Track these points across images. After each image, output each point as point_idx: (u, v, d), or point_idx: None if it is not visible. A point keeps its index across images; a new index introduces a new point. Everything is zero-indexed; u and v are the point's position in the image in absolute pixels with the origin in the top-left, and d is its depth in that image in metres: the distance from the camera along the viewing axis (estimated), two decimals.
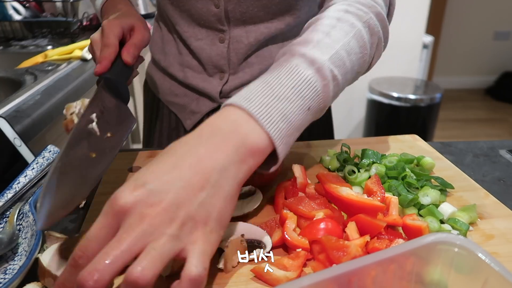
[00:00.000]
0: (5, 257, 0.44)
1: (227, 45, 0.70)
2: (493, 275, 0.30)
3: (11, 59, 1.25)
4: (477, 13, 3.81)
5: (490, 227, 0.49)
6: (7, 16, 1.34)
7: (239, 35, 0.69)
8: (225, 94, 0.74)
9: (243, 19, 0.67)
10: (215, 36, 0.70)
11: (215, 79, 0.73)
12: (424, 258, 0.32)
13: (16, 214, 0.48)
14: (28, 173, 0.55)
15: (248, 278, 0.41)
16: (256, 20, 0.68)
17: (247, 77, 0.72)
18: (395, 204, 0.48)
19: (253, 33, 0.69)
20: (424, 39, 2.41)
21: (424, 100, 2.24)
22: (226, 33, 0.69)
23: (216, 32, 0.69)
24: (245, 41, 0.69)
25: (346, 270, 0.30)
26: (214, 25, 0.68)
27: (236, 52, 0.70)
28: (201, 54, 0.71)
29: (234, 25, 0.68)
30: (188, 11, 0.68)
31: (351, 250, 0.39)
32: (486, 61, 4.03)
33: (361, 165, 0.59)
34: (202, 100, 0.76)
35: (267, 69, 0.50)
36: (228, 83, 0.73)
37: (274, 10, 0.67)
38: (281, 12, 0.68)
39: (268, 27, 0.68)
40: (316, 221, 0.45)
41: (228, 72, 0.72)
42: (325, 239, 0.41)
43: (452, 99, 3.80)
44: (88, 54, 1.16)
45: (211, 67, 0.72)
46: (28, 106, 0.82)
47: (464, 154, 0.68)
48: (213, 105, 0.76)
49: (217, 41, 0.70)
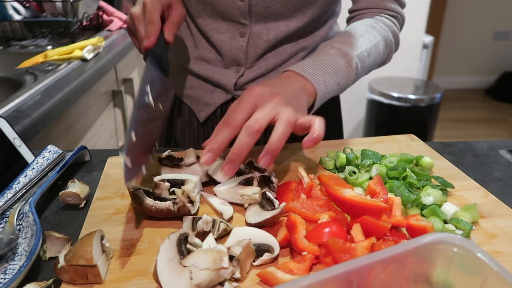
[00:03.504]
0: (5, 257, 0.44)
1: (247, 40, 0.72)
2: (492, 274, 0.30)
3: (11, 59, 1.25)
4: (477, 13, 3.81)
5: (492, 226, 0.49)
6: (7, 16, 1.33)
7: (260, 31, 0.72)
8: (240, 86, 0.76)
9: (266, 14, 0.70)
10: (236, 30, 0.72)
11: (231, 72, 0.75)
12: (424, 258, 0.32)
13: (16, 214, 0.48)
14: (28, 173, 0.55)
15: (254, 283, 0.41)
16: (277, 16, 0.70)
17: (261, 70, 0.75)
18: (398, 205, 0.48)
19: (273, 30, 0.72)
20: (424, 39, 2.41)
21: (424, 100, 2.24)
22: (247, 28, 0.71)
23: (238, 26, 0.72)
24: (265, 37, 0.72)
25: (345, 270, 0.30)
26: (237, 18, 0.71)
27: (255, 47, 0.73)
28: (221, 47, 0.73)
29: (255, 21, 0.71)
30: (212, 4, 0.70)
31: (358, 253, 0.39)
32: (486, 61, 4.03)
33: (361, 165, 0.59)
34: (216, 92, 0.78)
35: (281, 64, 0.75)
36: (243, 76, 0.75)
37: (295, 5, 0.69)
38: (301, 8, 0.70)
39: (287, 25, 0.71)
40: (321, 224, 0.45)
41: (244, 65, 0.74)
42: (332, 242, 0.40)
43: (452, 99, 3.80)
44: (88, 54, 1.16)
45: (229, 59, 0.74)
46: (28, 106, 0.82)
47: (464, 154, 0.68)
48: (227, 96, 0.77)
49: (237, 35, 0.72)
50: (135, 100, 0.53)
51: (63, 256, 0.41)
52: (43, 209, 0.53)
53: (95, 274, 0.40)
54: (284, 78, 0.60)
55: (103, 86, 1.27)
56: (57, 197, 0.54)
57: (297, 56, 0.76)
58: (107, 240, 0.44)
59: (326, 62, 0.62)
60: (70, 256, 0.40)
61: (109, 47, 1.31)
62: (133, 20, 0.62)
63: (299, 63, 0.62)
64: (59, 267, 0.40)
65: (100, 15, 1.56)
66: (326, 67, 0.62)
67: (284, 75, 0.61)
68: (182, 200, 0.49)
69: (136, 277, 0.41)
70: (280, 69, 0.76)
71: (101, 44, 1.24)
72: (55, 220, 0.51)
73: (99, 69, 1.14)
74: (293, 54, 0.75)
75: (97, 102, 1.22)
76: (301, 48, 0.75)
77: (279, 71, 0.76)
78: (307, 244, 0.43)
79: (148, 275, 0.41)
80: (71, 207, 0.53)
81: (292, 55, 0.75)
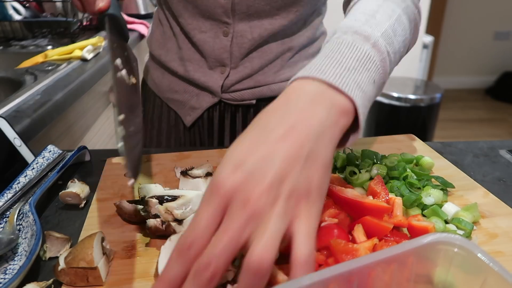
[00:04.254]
0: (5, 257, 0.44)
1: (230, 39, 0.70)
2: (492, 275, 0.30)
3: (11, 59, 1.25)
4: (477, 13, 3.81)
5: (493, 225, 0.49)
6: (7, 16, 1.33)
7: (243, 30, 0.70)
8: (227, 88, 0.75)
9: (249, 13, 0.68)
10: (219, 29, 0.70)
11: (216, 73, 0.74)
12: (424, 258, 0.32)
13: (16, 214, 0.48)
14: (28, 173, 0.55)
15: None
16: (261, 14, 0.68)
17: (247, 71, 0.73)
18: (399, 205, 0.48)
19: (257, 29, 0.69)
20: (424, 39, 2.41)
21: (424, 100, 2.24)
22: (230, 27, 0.69)
23: (221, 25, 0.70)
24: (249, 36, 0.70)
25: (345, 270, 0.30)
26: (220, 17, 0.69)
27: (239, 46, 0.71)
28: (204, 47, 0.72)
29: (239, 19, 0.69)
30: (194, 2, 0.69)
31: (360, 253, 0.39)
32: (486, 61, 4.03)
33: (361, 165, 0.58)
34: (203, 95, 0.76)
35: (267, 64, 0.67)
36: (229, 77, 0.73)
37: (279, 4, 0.67)
38: (286, 6, 0.68)
39: (272, 23, 0.69)
40: (324, 227, 0.45)
41: (229, 66, 0.73)
42: (334, 243, 0.40)
43: (452, 99, 3.80)
44: (88, 54, 1.16)
45: (213, 60, 0.72)
46: (28, 106, 0.82)
47: (464, 154, 0.68)
48: (214, 100, 0.76)
49: (221, 34, 0.70)
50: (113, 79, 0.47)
51: (63, 259, 0.40)
52: (43, 209, 0.53)
53: (95, 276, 0.40)
54: (292, 104, 0.35)
55: (103, 86, 1.27)
56: (57, 197, 0.54)
57: (284, 56, 0.74)
58: (107, 242, 0.44)
59: (346, 55, 0.39)
60: (71, 259, 0.40)
61: None
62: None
63: (310, 65, 0.39)
64: (59, 269, 0.40)
65: None
66: (348, 61, 0.39)
67: (292, 94, 0.36)
68: (166, 218, 0.44)
69: (136, 279, 0.41)
70: (266, 69, 0.74)
71: (101, 44, 1.24)
72: (55, 220, 0.51)
73: (99, 69, 1.14)
74: (279, 54, 0.74)
75: (97, 102, 1.22)
76: (288, 48, 0.74)
77: (265, 72, 0.74)
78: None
79: (149, 277, 0.41)
80: (71, 207, 0.53)
81: (278, 55, 0.74)
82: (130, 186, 0.39)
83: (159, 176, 0.59)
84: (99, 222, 0.50)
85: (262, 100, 0.77)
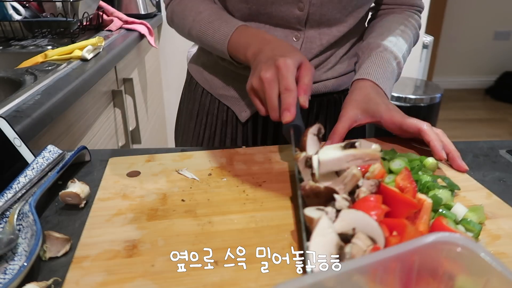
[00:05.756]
0: (5, 257, 0.44)
1: (300, 43, 0.73)
2: (495, 275, 0.30)
3: (11, 59, 1.25)
4: (477, 13, 3.81)
5: (496, 227, 0.49)
6: (7, 16, 1.33)
7: (313, 36, 0.72)
8: None
9: (321, 21, 0.71)
10: (290, 33, 0.72)
11: None
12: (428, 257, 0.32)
13: (16, 214, 0.48)
14: (28, 173, 0.54)
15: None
16: (331, 22, 0.71)
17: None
18: (427, 209, 0.45)
19: (326, 36, 0.73)
20: (424, 39, 2.41)
21: (424, 100, 2.24)
22: (301, 33, 0.72)
23: (292, 31, 0.72)
24: (318, 42, 0.73)
25: (347, 269, 0.30)
26: (292, 25, 0.71)
27: (307, 51, 0.73)
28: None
29: (309, 26, 0.71)
30: (269, 14, 0.70)
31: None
32: (486, 61, 4.03)
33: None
34: None
35: (324, 61, 0.76)
36: None
37: (349, 11, 0.71)
38: (353, 12, 0.72)
39: (339, 30, 0.73)
40: None
41: None
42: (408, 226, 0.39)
43: (452, 99, 3.80)
44: (88, 54, 1.15)
45: None
46: (28, 106, 0.81)
47: (464, 154, 0.68)
48: None
49: (292, 38, 0.72)
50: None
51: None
52: (43, 209, 0.53)
53: None
54: (363, 89, 0.66)
55: (103, 86, 1.26)
56: (57, 197, 0.54)
57: (337, 53, 0.78)
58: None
59: (387, 68, 0.68)
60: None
61: (109, 47, 1.31)
62: (264, 84, 0.56)
63: (366, 69, 0.68)
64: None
65: (100, 15, 1.56)
66: (386, 73, 0.68)
67: (362, 89, 0.67)
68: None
69: (138, 278, 0.41)
70: (321, 67, 0.77)
71: (101, 44, 1.24)
72: (55, 220, 0.51)
73: (99, 69, 1.14)
74: (339, 58, 0.78)
75: (97, 102, 1.21)
76: (347, 50, 0.78)
77: (320, 68, 0.77)
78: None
79: (150, 276, 0.41)
80: (71, 207, 0.53)
81: (333, 53, 0.77)
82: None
83: (161, 176, 0.59)
84: (101, 221, 0.50)
85: (316, 97, 0.79)
